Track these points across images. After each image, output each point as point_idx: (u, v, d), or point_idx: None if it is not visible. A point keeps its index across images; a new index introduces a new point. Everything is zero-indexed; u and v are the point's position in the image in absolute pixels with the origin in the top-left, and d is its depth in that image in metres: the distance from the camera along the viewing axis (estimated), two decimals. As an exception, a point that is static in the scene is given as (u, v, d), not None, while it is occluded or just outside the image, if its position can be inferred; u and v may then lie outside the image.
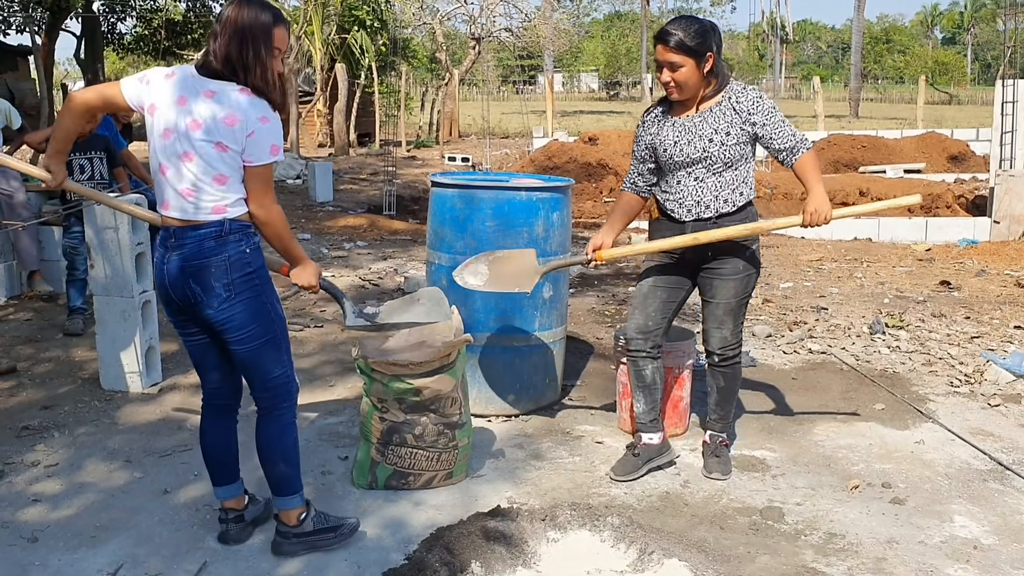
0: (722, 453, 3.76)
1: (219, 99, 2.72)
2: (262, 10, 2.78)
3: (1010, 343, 5.58)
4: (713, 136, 3.46)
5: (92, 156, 5.87)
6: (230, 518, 3.13)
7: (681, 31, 3.37)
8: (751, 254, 3.60)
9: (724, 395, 3.78)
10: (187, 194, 2.75)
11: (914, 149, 15.43)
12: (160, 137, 2.77)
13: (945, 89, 48.98)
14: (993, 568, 3.03)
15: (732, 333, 3.66)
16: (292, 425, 3.00)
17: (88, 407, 4.44)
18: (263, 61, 2.77)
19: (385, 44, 23.62)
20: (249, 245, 2.80)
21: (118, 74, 38.32)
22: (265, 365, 2.90)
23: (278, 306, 2.90)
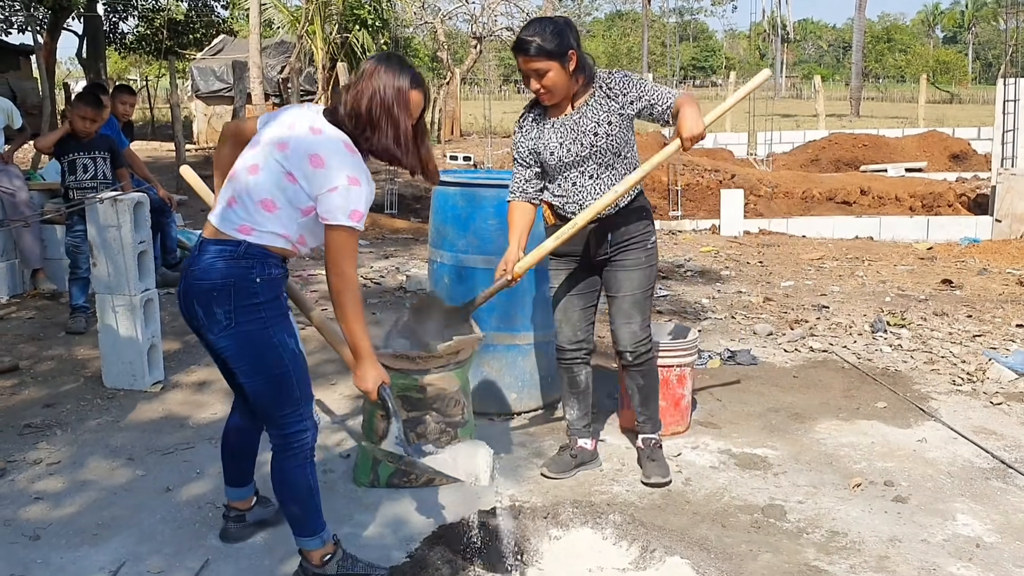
0: (658, 456, 3.69)
1: (320, 141, 2.61)
2: (400, 72, 2.69)
3: (1012, 341, 5.58)
4: (596, 129, 3.40)
5: (96, 156, 5.88)
6: (231, 516, 3.13)
7: (538, 36, 3.26)
8: (651, 246, 3.59)
9: (646, 394, 3.71)
10: (231, 202, 2.66)
11: (915, 148, 15.42)
12: (251, 146, 2.71)
13: (946, 88, 48.92)
14: (995, 566, 3.03)
15: (641, 327, 3.59)
16: (302, 468, 2.78)
17: (90, 405, 4.45)
18: (395, 123, 2.67)
19: (387, 43, 23.62)
20: (261, 274, 2.62)
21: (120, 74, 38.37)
22: (271, 404, 2.72)
23: (291, 342, 2.70)
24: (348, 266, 2.62)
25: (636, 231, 3.54)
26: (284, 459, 2.77)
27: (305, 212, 2.63)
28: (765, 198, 11.22)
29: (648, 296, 3.61)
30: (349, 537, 3.11)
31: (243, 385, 2.74)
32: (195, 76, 21.81)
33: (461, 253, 4.26)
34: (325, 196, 2.56)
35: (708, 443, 4.06)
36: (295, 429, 2.76)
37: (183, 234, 7.77)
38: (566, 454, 3.74)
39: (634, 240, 3.54)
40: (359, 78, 2.69)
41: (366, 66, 2.70)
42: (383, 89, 2.66)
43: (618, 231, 3.52)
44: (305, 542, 2.82)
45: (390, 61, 2.71)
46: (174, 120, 13.42)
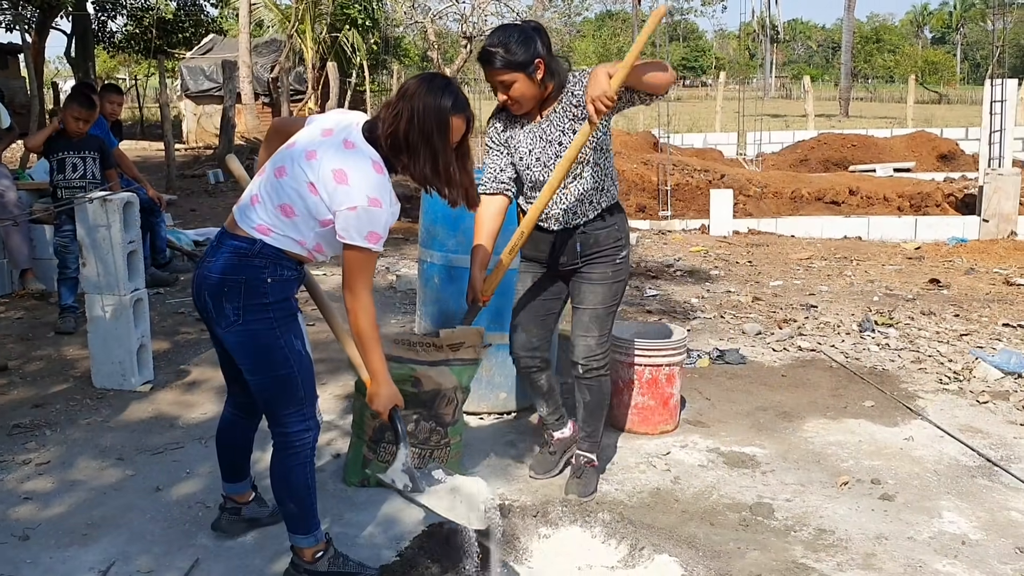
0: (584, 474, 3.54)
1: (348, 156, 2.57)
2: (443, 94, 2.59)
3: (999, 340, 5.62)
4: (562, 139, 3.27)
5: (85, 155, 5.87)
6: (228, 508, 3.14)
7: (502, 48, 3.13)
8: (621, 261, 3.43)
9: (591, 410, 3.54)
10: (254, 200, 2.65)
11: (904, 148, 15.49)
12: (285, 148, 2.69)
13: (935, 88, 49.12)
14: (981, 563, 3.05)
15: (597, 343, 3.43)
16: (302, 467, 2.79)
17: (80, 405, 4.44)
18: (434, 151, 2.60)
19: (377, 43, 23.62)
20: (273, 275, 2.61)
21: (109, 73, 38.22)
22: (274, 402, 2.72)
23: (298, 344, 2.70)
24: (361, 287, 2.60)
25: (606, 244, 3.39)
26: (285, 457, 2.78)
27: (323, 223, 2.60)
28: (754, 198, 11.26)
29: (611, 312, 3.46)
30: (339, 536, 3.11)
31: (248, 381, 2.74)
32: (184, 75, 21.76)
33: (451, 253, 4.27)
34: (343, 214, 2.53)
35: (697, 442, 4.08)
36: (297, 428, 2.76)
37: (172, 234, 7.76)
38: (546, 452, 3.75)
39: (603, 253, 3.40)
40: (399, 97, 2.61)
41: (408, 85, 2.63)
42: (422, 113, 2.57)
43: (588, 242, 3.38)
44: (299, 539, 2.83)
45: (433, 82, 2.62)
46: (163, 119, 13.39)
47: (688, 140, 17.67)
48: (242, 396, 2.99)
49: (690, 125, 22.59)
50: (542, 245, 3.45)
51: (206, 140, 20.38)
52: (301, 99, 20.57)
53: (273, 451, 2.81)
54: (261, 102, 20.97)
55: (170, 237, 7.49)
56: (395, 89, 23.30)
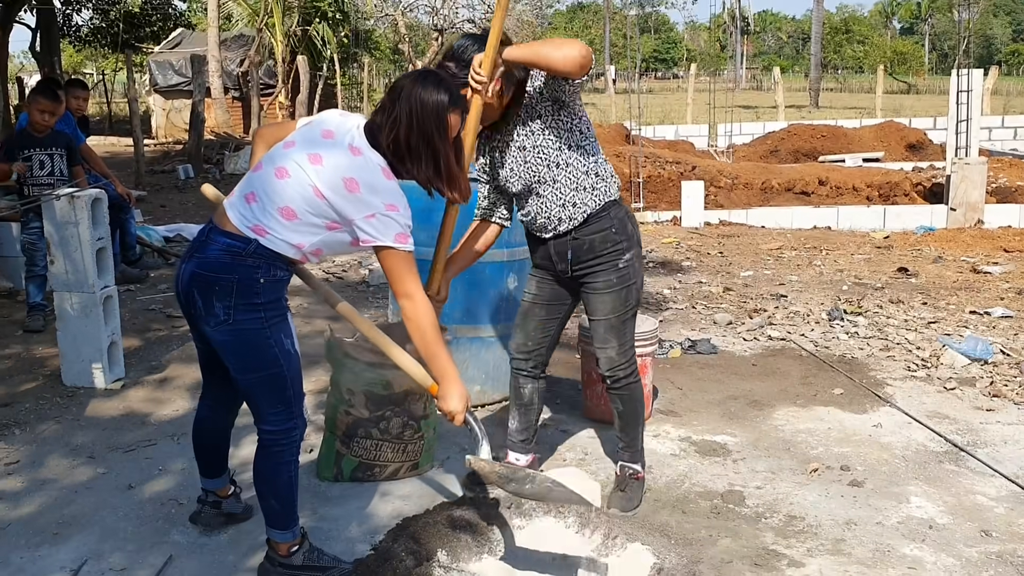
0: (629, 487, 3.41)
1: (358, 164, 2.55)
2: (438, 91, 2.59)
3: (966, 328, 5.70)
4: (525, 143, 3.12)
5: (52, 152, 5.81)
6: (208, 500, 3.11)
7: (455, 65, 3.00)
8: (625, 265, 3.22)
9: (626, 420, 3.43)
10: (251, 198, 2.60)
11: (873, 138, 15.65)
12: (283, 146, 2.66)
13: (903, 79, 49.59)
14: (948, 547, 3.11)
15: (619, 353, 3.30)
16: (287, 465, 2.78)
17: (50, 404, 4.40)
18: (435, 153, 2.61)
19: (347, 36, 23.49)
20: (265, 275, 2.58)
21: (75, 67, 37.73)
22: (262, 400, 2.71)
23: (287, 343, 2.68)
24: (413, 287, 2.59)
25: (602, 249, 3.18)
26: (271, 455, 2.77)
27: (330, 227, 2.59)
28: (725, 189, 11.34)
29: (625, 319, 3.27)
30: (313, 531, 3.11)
31: (235, 378, 2.72)
32: (153, 70, 21.56)
33: (422, 247, 4.21)
34: (363, 221, 2.54)
35: (669, 431, 4.12)
36: (284, 427, 2.75)
37: (142, 230, 7.71)
38: None
39: (602, 259, 3.20)
40: (392, 100, 2.60)
41: (401, 85, 2.62)
42: (421, 115, 2.57)
43: (581, 248, 3.20)
44: (277, 535, 2.83)
45: (426, 80, 2.61)
46: (132, 115, 13.26)
47: (660, 132, 17.75)
48: (220, 391, 2.97)
49: (662, 117, 22.66)
50: (542, 252, 3.34)
51: (175, 135, 20.21)
52: (271, 93, 20.46)
53: (258, 448, 2.80)
54: (231, 96, 20.81)
55: (140, 234, 7.43)
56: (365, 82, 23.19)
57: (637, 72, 17.49)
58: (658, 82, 59.37)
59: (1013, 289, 6.72)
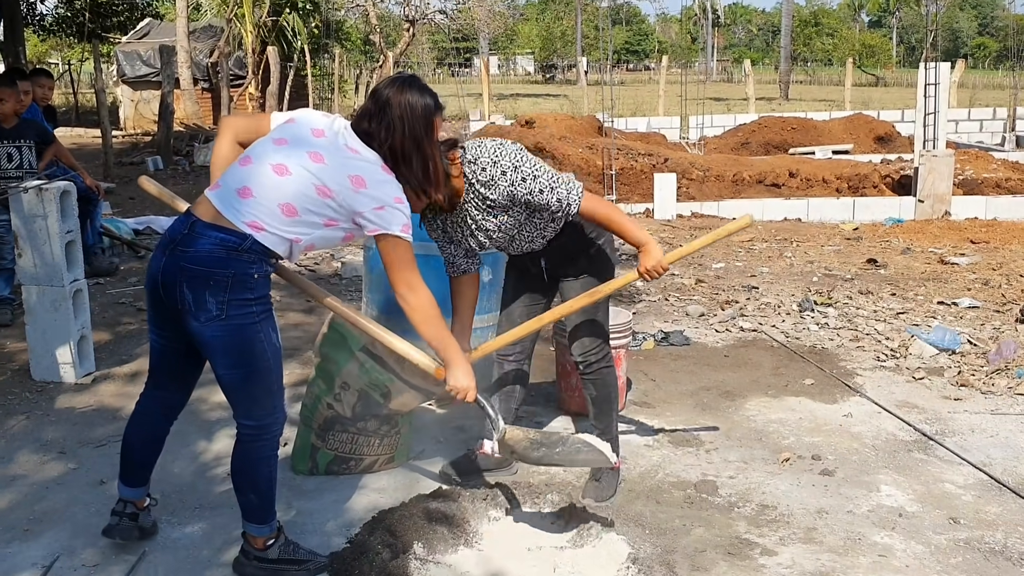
0: (604, 477, 3.39)
1: (360, 162, 2.61)
2: (423, 94, 2.68)
3: (934, 318, 5.78)
4: (486, 226, 3.09)
5: (21, 144, 5.73)
6: (126, 512, 2.97)
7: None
8: (595, 252, 3.31)
9: (599, 406, 3.46)
10: (245, 193, 2.57)
11: (842, 130, 15.76)
12: (272, 141, 2.64)
13: (872, 71, 50.00)
14: (917, 534, 3.16)
15: (590, 337, 3.36)
16: (269, 459, 2.79)
17: (19, 399, 4.35)
18: (424, 157, 2.68)
19: (318, 26, 23.32)
20: (259, 271, 2.59)
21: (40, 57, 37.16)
22: (248, 395, 2.70)
23: (274, 337, 2.69)
24: (415, 276, 2.67)
25: (570, 243, 3.27)
26: (253, 450, 2.76)
27: (327, 224, 2.62)
28: (697, 181, 11.38)
29: (597, 305, 3.31)
30: (289, 524, 3.10)
31: (220, 374, 2.68)
32: (120, 60, 21.27)
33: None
34: (372, 213, 2.59)
35: (642, 422, 4.14)
36: (268, 420, 2.75)
37: (111, 222, 7.61)
38: (466, 456, 3.58)
39: (571, 253, 3.30)
40: (379, 108, 2.65)
41: (387, 95, 2.65)
42: (411, 121, 2.65)
43: (553, 254, 3.30)
44: (255, 528, 2.82)
45: (411, 86, 2.68)
46: (99, 106, 13.08)
47: (632, 124, 17.78)
48: (174, 394, 2.92)
49: (634, 109, 22.72)
50: (517, 259, 3.38)
51: (144, 126, 19.96)
52: (241, 84, 20.27)
53: (238, 443, 2.78)
54: (200, 87, 20.59)
55: (108, 226, 7.34)
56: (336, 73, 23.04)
57: (609, 64, 17.48)
58: (630, 74, 59.50)
59: (980, 280, 6.82)
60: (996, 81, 37.86)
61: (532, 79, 59.91)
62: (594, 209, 3.08)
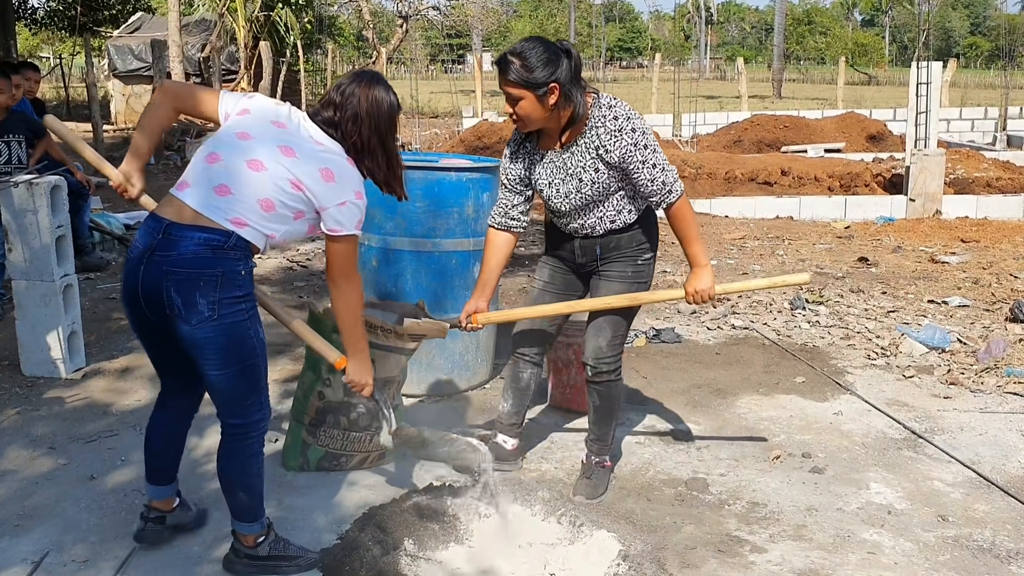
0: (595, 474, 3.42)
1: (327, 155, 2.65)
2: (387, 91, 2.73)
3: (924, 316, 5.80)
4: (583, 175, 3.13)
5: (11, 140, 5.70)
6: (151, 517, 2.97)
7: (519, 60, 2.97)
8: (643, 263, 3.32)
9: (600, 415, 3.42)
10: (221, 191, 2.55)
11: (834, 129, 15.79)
12: (235, 136, 2.62)
13: (864, 70, 50.11)
14: (906, 531, 3.17)
15: (608, 345, 3.30)
16: (257, 456, 2.78)
17: (9, 394, 4.34)
18: (387, 150, 2.73)
19: (311, 22, 23.27)
20: (246, 267, 2.58)
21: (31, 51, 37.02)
22: (237, 392, 2.68)
23: (261, 332, 2.69)
24: (354, 271, 2.72)
25: (627, 246, 3.28)
26: (242, 447, 2.75)
27: (296, 217, 2.64)
28: (689, 179, 11.39)
29: (627, 316, 3.33)
30: (279, 521, 3.10)
31: (210, 376, 2.64)
32: (112, 54, 21.19)
33: (389, 236, 4.26)
34: (335, 209, 2.62)
35: (633, 419, 4.15)
36: (256, 417, 2.75)
37: (102, 217, 7.59)
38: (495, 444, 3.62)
39: (624, 254, 3.29)
40: (345, 99, 2.68)
41: (352, 89, 2.68)
42: (376, 116, 2.70)
43: (608, 246, 3.28)
44: (244, 527, 2.81)
45: (378, 83, 2.72)
46: (90, 100, 13.05)
47: (625, 121, 17.74)
48: (183, 396, 2.92)
49: (626, 106, 22.70)
50: (564, 244, 3.38)
51: (135, 121, 19.85)
52: (233, 79, 20.22)
53: (226, 443, 2.76)
54: (193, 82, 20.53)
55: (99, 220, 7.32)
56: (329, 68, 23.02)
57: (602, 61, 17.51)
58: (623, 71, 59.46)
59: (970, 279, 6.85)
60: (988, 80, 38.01)
61: (525, 76, 59.69)
62: (685, 211, 3.17)
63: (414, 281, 4.23)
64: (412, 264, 4.24)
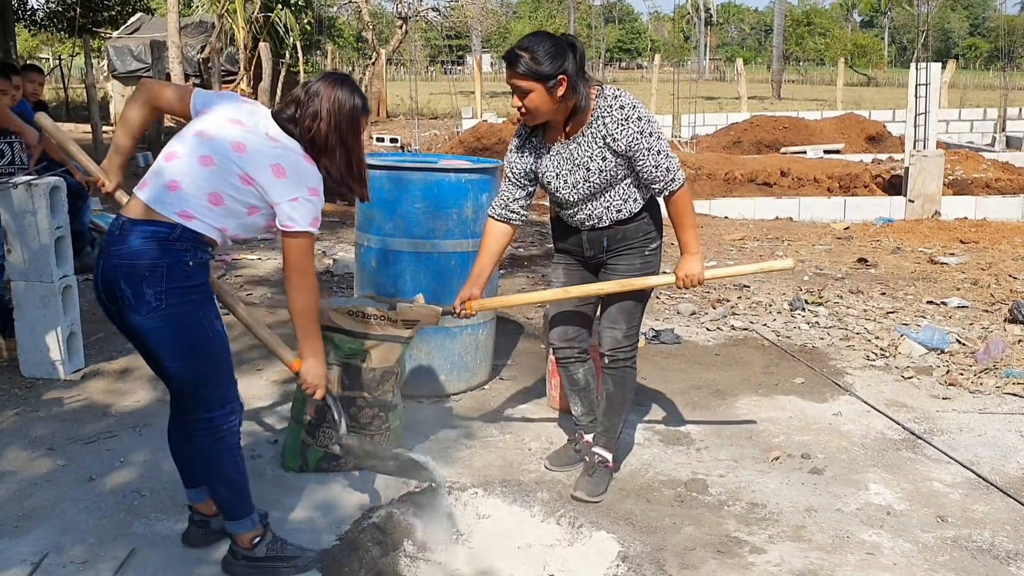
0: (597, 473, 3.46)
1: (280, 151, 2.64)
2: (353, 94, 2.72)
3: (923, 317, 5.80)
4: (590, 164, 3.19)
5: (12, 140, 5.70)
6: (195, 520, 2.99)
7: (528, 53, 3.02)
8: (651, 253, 3.40)
9: (612, 403, 3.49)
10: (172, 186, 2.60)
11: (834, 130, 15.80)
12: (195, 135, 2.66)
13: (864, 71, 50.13)
14: (904, 532, 3.17)
15: (625, 335, 3.41)
16: (231, 451, 2.77)
17: (8, 395, 4.34)
18: (348, 150, 2.72)
19: (310, 23, 23.27)
20: (193, 258, 2.60)
21: (31, 52, 37.02)
22: (197, 385, 2.69)
23: (218, 324, 2.69)
24: (310, 268, 2.70)
25: (634, 237, 3.34)
26: (212, 443, 2.75)
27: (250, 212, 2.65)
28: (689, 180, 11.38)
29: (639, 304, 3.42)
30: (278, 522, 3.11)
31: (168, 369, 2.68)
32: (111, 55, 21.18)
33: (388, 237, 4.26)
34: (287, 205, 2.61)
35: (633, 420, 4.15)
36: (223, 412, 2.74)
37: (101, 218, 7.58)
38: (570, 448, 3.68)
39: (630, 245, 3.35)
40: (308, 97, 2.68)
41: (316, 87, 2.69)
42: (338, 115, 2.68)
43: (615, 237, 3.34)
44: (235, 526, 2.81)
45: (343, 84, 2.72)
46: (90, 101, 13.05)
47: (624, 122, 17.74)
48: None
49: (626, 107, 22.71)
50: (570, 238, 3.44)
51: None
52: (233, 80, 20.23)
53: (196, 438, 2.76)
54: (192, 83, 20.53)
55: (98, 221, 7.31)
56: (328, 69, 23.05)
57: (601, 62, 17.51)
58: (622, 72, 59.49)
59: (969, 279, 6.85)
60: (987, 81, 38.04)
61: (524, 77, 59.74)
62: (685, 199, 3.27)
63: (413, 282, 4.22)
64: (411, 265, 4.25)
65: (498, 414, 4.22)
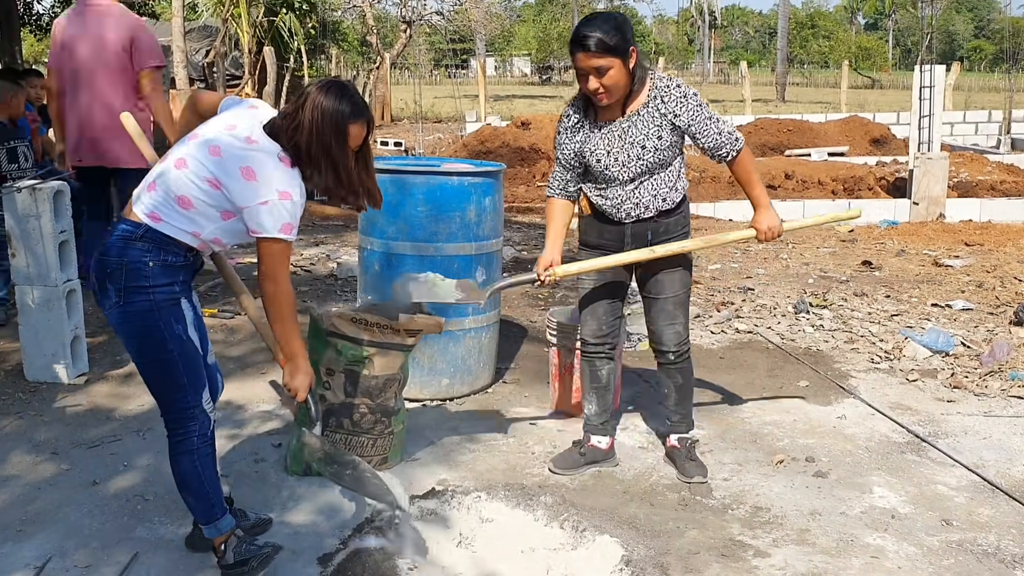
0: (696, 456, 3.66)
1: (253, 153, 2.62)
2: (340, 101, 2.63)
3: (928, 320, 5.79)
4: (646, 143, 3.30)
5: (17, 144, 5.74)
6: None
7: (599, 31, 3.10)
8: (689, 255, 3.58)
9: (683, 393, 3.67)
10: (152, 186, 2.66)
11: (838, 132, 15.78)
12: (190, 137, 2.71)
13: (868, 74, 50.07)
14: (909, 535, 3.16)
15: (684, 327, 3.57)
16: (189, 456, 2.76)
17: (12, 399, 4.34)
18: (334, 162, 2.65)
19: (314, 27, 23.30)
20: (155, 259, 2.61)
21: (36, 57, 37.10)
22: (156, 385, 2.73)
23: (179, 329, 2.67)
24: (282, 276, 2.67)
25: (676, 230, 3.48)
26: (172, 445, 2.78)
27: (224, 216, 2.65)
28: (693, 182, 11.40)
29: (688, 295, 3.59)
30: (281, 526, 3.11)
31: (135, 364, 2.75)
32: (116, 60, 21.21)
33: (391, 240, 4.26)
34: (255, 209, 2.58)
35: (637, 424, 4.14)
36: (180, 417, 2.75)
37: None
38: (574, 451, 3.68)
39: (672, 239, 3.46)
40: (297, 105, 2.65)
41: (309, 92, 2.66)
42: (320, 125, 2.61)
43: (659, 231, 3.44)
44: (205, 530, 2.84)
45: (329, 91, 2.65)
46: (95, 105, 13.04)
47: (628, 125, 17.75)
48: None
49: (630, 110, 22.70)
50: (609, 235, 3.48)
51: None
52: (238, 84, 20.26)
53: (168, 438, 2.80)
54: (196, 87, 20.57)
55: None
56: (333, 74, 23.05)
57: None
58: (626, 75, 59.31)
59: (973, 282, 6.83)
60: (992, 84, 37.95)
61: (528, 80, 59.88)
62: (749, 158, 3.43)
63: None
64: (414, 268, 4.22)
65: (501, 417, 4.22)
